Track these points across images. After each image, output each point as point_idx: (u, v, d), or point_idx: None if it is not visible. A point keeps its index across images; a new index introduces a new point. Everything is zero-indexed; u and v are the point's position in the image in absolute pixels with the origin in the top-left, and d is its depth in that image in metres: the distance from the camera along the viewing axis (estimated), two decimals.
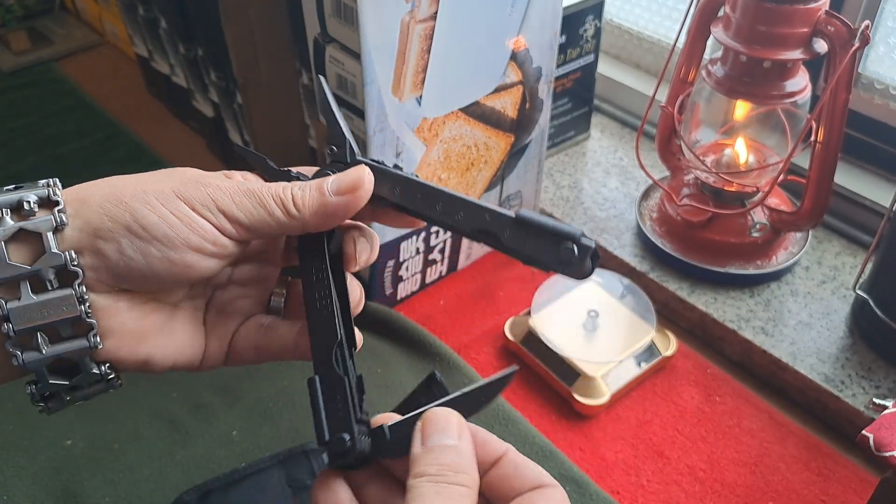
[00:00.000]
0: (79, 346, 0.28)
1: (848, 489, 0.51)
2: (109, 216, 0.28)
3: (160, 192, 0.28)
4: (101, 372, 0.30)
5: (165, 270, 0.29)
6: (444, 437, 0.28)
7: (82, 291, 0.28)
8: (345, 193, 0.30)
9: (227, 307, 0.34)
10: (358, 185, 0.31)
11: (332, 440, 0.30)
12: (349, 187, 0.31)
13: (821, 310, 0.62)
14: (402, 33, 0.49)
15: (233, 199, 0.29)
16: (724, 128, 0.65)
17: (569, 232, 0.29)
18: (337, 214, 0.31)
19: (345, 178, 0.31)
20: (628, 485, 0.52)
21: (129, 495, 0.51)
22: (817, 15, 0.54)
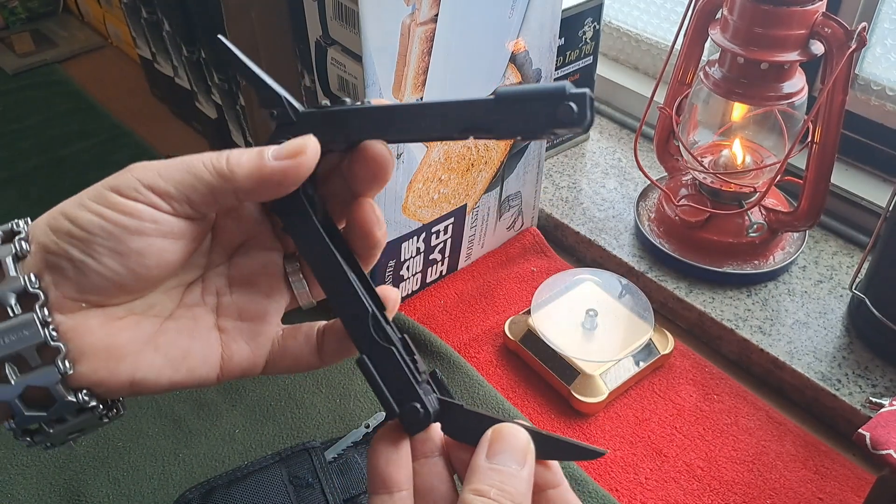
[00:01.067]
0: (49, 374, 0.27)
1: (845, 487, 0.51)
2: (53, 229, 0.27)
3: (91, 191, 0.28)
4: (79, 400, 0.28)
5: (120, 267, 0.27)
6: (512, 461, 0.28)
7: (44, 314, 0.27)
8: (285, 158, 0.28)
9: (247, 312, 0.32)
10: (300, 150, 0.28)
11: (403, 412, 0.29)
12: (290, 152, 0.28)
13: (818, 309, 0.62)
14: (403, 36, 0.50)
15: (159, 173, 0.28)
16: (722, 129, 0.65)
17: (556, 88, 0.26)
18: (274, 180, 0.28)
19: (288, 143, 0.29)
20: (627, 482, 0.52)
21: (133, 493, 0.52)
22: (814, 17, 0.54)
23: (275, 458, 0.52)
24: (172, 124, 0.89)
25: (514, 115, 0.27)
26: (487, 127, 0.27)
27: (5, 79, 0.99)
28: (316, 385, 0.59)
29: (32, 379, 0.27)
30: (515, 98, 0.27)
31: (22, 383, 0.27)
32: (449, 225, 0.64)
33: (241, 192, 0.28)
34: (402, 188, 0.58)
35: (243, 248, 0.33)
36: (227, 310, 0.32)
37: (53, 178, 0.81)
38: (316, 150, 0.29)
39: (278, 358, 0.33)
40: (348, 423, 0.55)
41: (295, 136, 0.29)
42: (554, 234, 0.74)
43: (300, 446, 0.52)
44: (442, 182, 0.60)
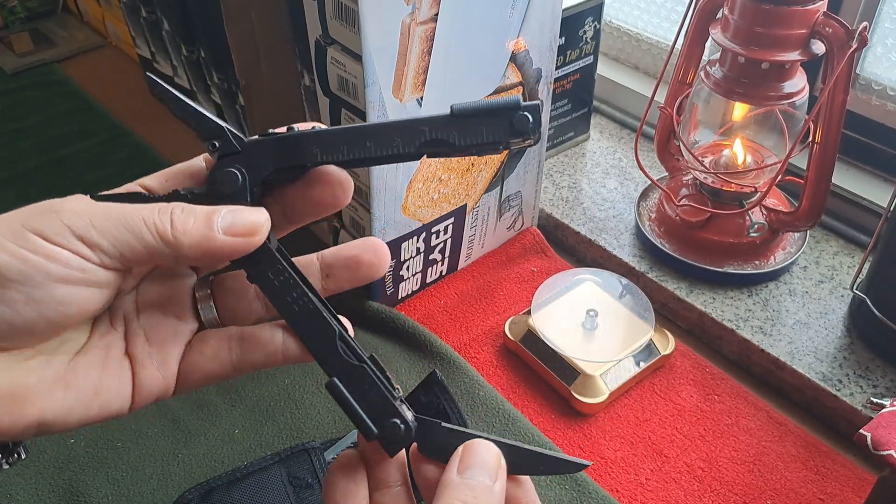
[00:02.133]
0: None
1: (846, 487, 0.51)
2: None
3: (8, 230, 0.25)
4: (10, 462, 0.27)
5: (37, 314, 0.25)
6: (484, 475, 0.27)
7: None
8: (236, 235, 0.27)
9: (155, 335, 0.30)
10: (254, 230, 0.27)
11: (383, 431, 0.29)
12: (243, 230, 0.27)
13: (818, 309, 0.62)
14: (403, 35, 0.50)
15: (92, 224, 0.25)
16: (723, 129, 0.65)
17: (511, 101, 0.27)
18: (221, 255, 0.27)
19: (239, 217, 0.27)
20: (627, 483, 0.52)
21: (132, 493, 0.52)
22: (815, 16, 0.54)
23: (274, 458, 0.51)
24: (172, 124, 0.89)
25: (471, 129, 0.28)
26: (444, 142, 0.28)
27: (4, 79, 0.99)
28: (316, 385, 0.58)
29: None
30: (472, 113, 0.28)
31: None
32: (449, 225, 0.64)
33: (184, 259, 0.27)
34: (402, 188, 0.58)
35: (152, 274, 0.31)
36: (135, 335, 0.30)
37: (53, 178, 0.81)
38: (268, 226, 0.28)
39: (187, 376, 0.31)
40: (348, 423, 0.55)
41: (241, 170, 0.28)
42: (554, 234, 0.74)
43: (300, 447, 0.52)
44: (442, 182, 0.60)
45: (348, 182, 0.30)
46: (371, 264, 0.31)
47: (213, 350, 0.31)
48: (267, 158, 0.29)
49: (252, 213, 0.28)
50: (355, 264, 0.31)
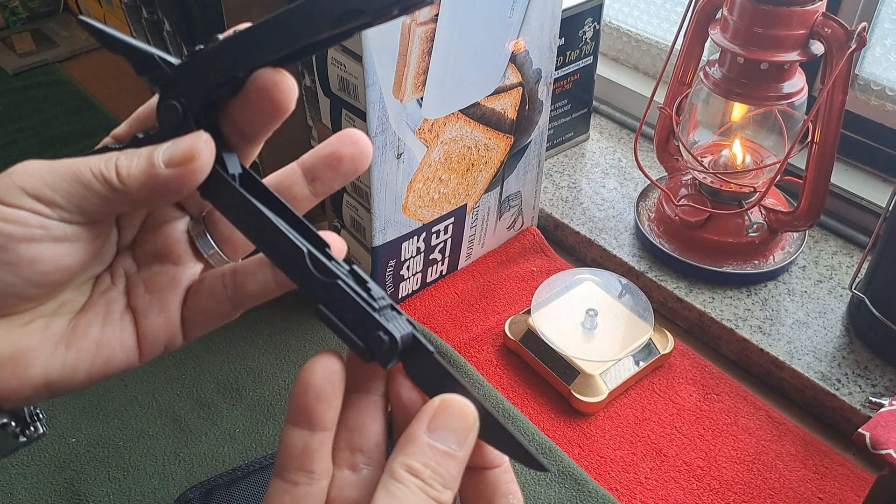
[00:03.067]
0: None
1: (844, 487, 0.51)
2: None
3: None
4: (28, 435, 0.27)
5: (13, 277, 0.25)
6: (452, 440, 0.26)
7: None
8: (177, 166, 0.26)
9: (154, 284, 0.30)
10: (191, 156, 0.26)
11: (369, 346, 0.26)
12: (181, 159, 0.26)
13: (817, 309, 0.62)
14: (404, 36, 0.50)
15: (44, 181, 0.25)
16: (722, 129, 0.66)
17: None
18: (169, 189, 0.26)
19: (177, 147, 0.26)
20: (626, 482, 0.52)
21: (133, 492, 0.52)
22: (814, 17, 0.55)
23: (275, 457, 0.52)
24: None
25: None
26: (359, 8, 0.24)
27: (6, 78, 0.99)
28: None
29: None
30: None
31: None
32: (449, 225, 0.64)
33: (138, 203, 0.27)
34: (402, 188, 0.58)
35: (145, 224, 0.31)
36: (135, 288, 0.30)
37: None
38: (207, 148, 0.26)
39: (190, 319, 0.30)
40: None
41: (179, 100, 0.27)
42: (554, 233, 0.74)
43: None
44: (442, 182, 0.60)
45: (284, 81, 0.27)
46: (352, 157, 0.30)
47: (209, 288, 0.30)
48: (199, 79, 0.27)
49: (187, 140, 0.26)
50: (336, 161, 0.30)
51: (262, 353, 0.61)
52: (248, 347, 0.62)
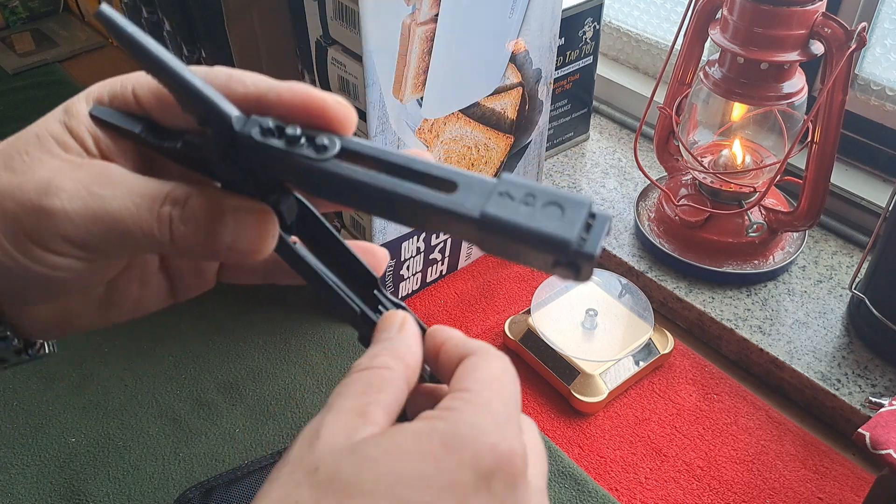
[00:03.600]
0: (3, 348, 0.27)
1: (844, 487, 0.51)
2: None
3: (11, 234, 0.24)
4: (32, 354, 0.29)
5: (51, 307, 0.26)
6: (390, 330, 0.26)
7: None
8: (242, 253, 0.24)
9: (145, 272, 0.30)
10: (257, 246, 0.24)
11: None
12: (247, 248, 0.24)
13: (817, 309, 0.62)
14: (404, 36, 0.50)
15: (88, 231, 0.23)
16: (722, 129, 0.66)
17: (558, 240, 0.20)
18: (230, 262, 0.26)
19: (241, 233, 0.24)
20: (626, 482, 0.52)
21: (133, 492, 0.52)
22: (814, 17, 0.55)
23: (275, 457, 0.52)
24: None
25: (501, 246, 0.21)
26: (472, 241, 0.22)
27: (6, 78, 0.99)
28: (316, 384, 0.59)
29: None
30: (503, 230, 0.20)
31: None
32: None
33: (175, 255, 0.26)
34: None
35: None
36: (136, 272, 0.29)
37: None
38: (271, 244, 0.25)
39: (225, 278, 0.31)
40: None
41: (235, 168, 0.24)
42: None
43: None
44: None
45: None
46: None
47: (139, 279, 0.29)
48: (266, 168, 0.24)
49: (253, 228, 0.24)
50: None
51: (262, 353, 0.61)
52: (249, 347, 0.62)
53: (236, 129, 0.23)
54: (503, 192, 0.21)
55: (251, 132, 0.23)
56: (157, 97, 0.25)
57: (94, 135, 0.25)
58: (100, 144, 0.25)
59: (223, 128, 0.23)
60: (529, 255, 0.21)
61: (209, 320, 0.64)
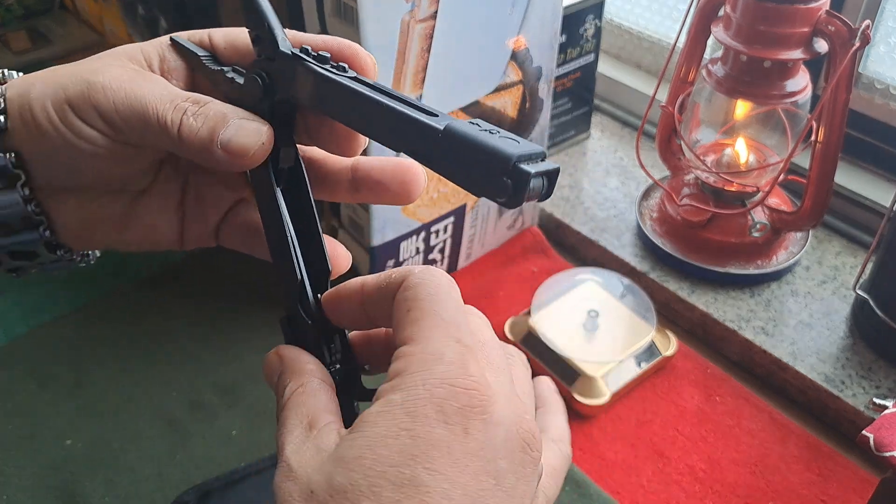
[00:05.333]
0: (31, 238, 0.30)
1: (848, 489, 0.51)
2: (21, 119, 0.28)
3: (53, 94, 0.28)
4: (59, 255, 0.31)
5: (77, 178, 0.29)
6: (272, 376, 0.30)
7: (26, 192, 0.29)
8: (230, 153, 0.27)
9: (202, 193, 0.33)
10: (244, 153, 0.27)
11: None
12: (237, 150, 0.27)
13: (821, 310, 0.62)
14: (403, 33, 0.49)
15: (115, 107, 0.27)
16: (725, 127, 0.65)
17: (502, 155, 0.22)
18: (216, 165, 0.28)
19: (238, 136, 0.27)
20: (628, 485, 0.52)
21: (129, 495, 0.51)
22: (818, 14, 0.54)
23: (272, 460, 0.51)
24: None
25: (454, 161, 0.24)
26: (429, 160, 0.25)
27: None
28: None
29: (16, 241, 0.30)
30: (460, 141, 0.23)
31: (6, 243, 0.30)
32: (449, 224, 0.64)
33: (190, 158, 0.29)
34: None
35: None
36: (189, 190, 0.33)
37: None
38: (266, 150, 0.28)
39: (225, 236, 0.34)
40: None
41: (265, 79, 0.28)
42: (555, 233, 0.73)
43: None
44: (441, 181, 0.60)
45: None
46: (396, 195, 0.32)
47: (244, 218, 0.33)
48: (291, 82, 0.28)
49: (249, 135, 0.27)
50: (382, 190, 0.31)
51: (259, 355, 0.61)
52: (245, 349, 0.61)
53: (280, 46, 0.27)
54: (473, 123, 0.24)
55: (291, 49, 0.28)
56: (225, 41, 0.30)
57: (161, 56, 0.30)
58: (162, 65, 0.30)
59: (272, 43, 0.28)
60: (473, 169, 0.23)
61: (205, 322, 0.64)
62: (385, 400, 0.24)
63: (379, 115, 0.25)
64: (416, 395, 0.23)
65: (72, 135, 0.27)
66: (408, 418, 0.23)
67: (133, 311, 0.65)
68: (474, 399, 0.23)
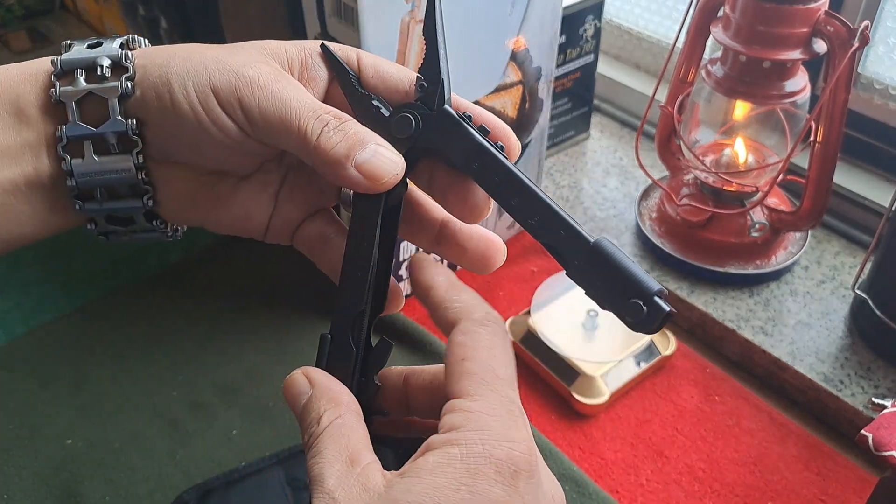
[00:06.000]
0: (133, 205, 0.30)
1: (847, 489, 0.51)
2: (156, 92, 0.28)
3: (198, 75, 0.28)
4: (154, 226, 0.32)
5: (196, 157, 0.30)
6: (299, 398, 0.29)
7: (140, 160, 0.29)
8: (363, 175, 0.28)
9: (296, 191, 0.33)
10: (379, 176, 0.28)
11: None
12: (369, 174, 0.28)
13: (820, 309, 0.62)
14: (402, 33, 0.49)
15: (259, 106, 0.28)
16: (724, 128, 0.65)
17: (645, 286, 0.25)
18: (343, 181, 0.28)
19: (373, 162, 0.28)
20: (627, 484, 0.52)
21: (129, 495, 0.51)
22: (817, 15, 0.54)
23: (272, 459, 0.51)
24: None
25: (593, 275, 0.26)
26: (566, 262, 0.27)
27: None
28: None
29: (118, 206, 0.30)
30: (607, 260, 0.26)
31: (109, 208, 0.30)
32: None
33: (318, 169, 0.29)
34: None
35: None
36: (286, 184, 0.33)
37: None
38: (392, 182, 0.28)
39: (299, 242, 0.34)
40: None
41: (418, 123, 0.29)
42: None
43: (298, 447, 0.52)
44: None
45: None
46: (473, 263, 0.32)
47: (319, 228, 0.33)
48: (447, 139, 0.29)
49: (385, 163, 0.28)
50: (462, 253, 0.32)
51: (259, 354, 0.61)
52: (245, 348, 0.61)
53: (447, 104, 0.29)
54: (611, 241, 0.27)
55: (457, 113, 0.29)
56: (375, 69, 0.31)
57: (303, 62, 0.30)
58: (303, 71, 0.30)
59: (440, 98, 0.29)
60: (615, 288, 0.26)
61: (205, 321, 0.64)
62: (443, 452, 0.25)
63: (533, 205, 0.27)
64: (475, 453, 0.25)
65: (209, 121, 0.28)
66: (468, 474, 0.24)
67: (133, 311, 0.65)
68: (527, 463, 0.25)
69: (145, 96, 0.28)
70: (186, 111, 0.28)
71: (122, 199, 0.30)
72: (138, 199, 0.30)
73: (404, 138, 0.29)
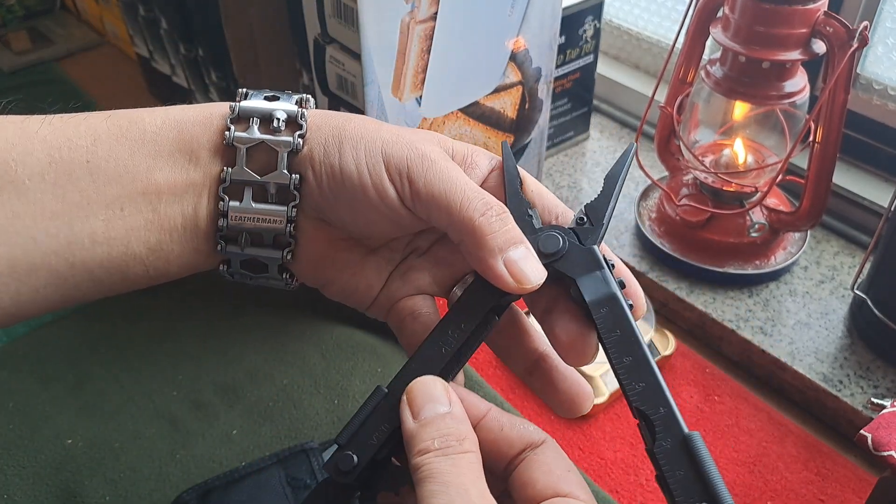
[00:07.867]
0: (272, 255, 0.31)
1: (846, 488, 0.51)
2: (325, 150, 0.29)
3: (370, 144, 0.29)
4: (283, 278, 0.32)
5: (353, 224, 0.30)
6: (437, 406, 0.28)
7: (293, 213, 0.30)
8: (510, 271, 0.28)
9: (410, 273, 0.33)
10: (524, 280, 0.28)
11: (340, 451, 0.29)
12: (517, 273, 0.28)
13: (819, 310, 0.62)
14: (402, 34, 0.50)
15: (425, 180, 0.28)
16: (723, 128, 0.65)
17: (722, 498, 0.25)
18: (486, 273, 0.28)
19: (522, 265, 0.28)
20: (627, 484, 0.52)
21: (130, 494, 0.51)
22: (816, 16, 0.54)
23: (272, 459, 0.51)
24: None
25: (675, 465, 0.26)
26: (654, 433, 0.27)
27: (2, 77, 0.98)
28: (314, 386, 0.58)
29: (258, 254, 0.31)
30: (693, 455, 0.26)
31: (249, 254, 0.31)
32: None
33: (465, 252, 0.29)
34: None
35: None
36: (406, 265, 0.33)
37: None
38: (532, 290, 0.28)
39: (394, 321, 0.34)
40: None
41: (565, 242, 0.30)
42: None
43: (298, 447, 0.52)
44: None
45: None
46: (559, 403, 0.32)
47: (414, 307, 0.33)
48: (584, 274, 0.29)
49: (533, 269, 0.28)
50: (551, 391, 0.32)
51: (260, 355, 0.61)
52: (246, 349, 0.61)
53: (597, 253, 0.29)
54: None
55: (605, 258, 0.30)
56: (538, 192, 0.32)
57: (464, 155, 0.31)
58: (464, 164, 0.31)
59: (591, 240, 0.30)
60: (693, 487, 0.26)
61: (206, 321, 0.64)
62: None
63: (642, 371, 0.28)
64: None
65: (373, 189, 0.28)
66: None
67: (133, 311, 0.65)
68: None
69: (312, 153, 0.29)
70: (352, 171, 0.28)
71: (262, 248, 0.31)
72: (279, 251, 0.31)
73: (547, 254, 0.30)
